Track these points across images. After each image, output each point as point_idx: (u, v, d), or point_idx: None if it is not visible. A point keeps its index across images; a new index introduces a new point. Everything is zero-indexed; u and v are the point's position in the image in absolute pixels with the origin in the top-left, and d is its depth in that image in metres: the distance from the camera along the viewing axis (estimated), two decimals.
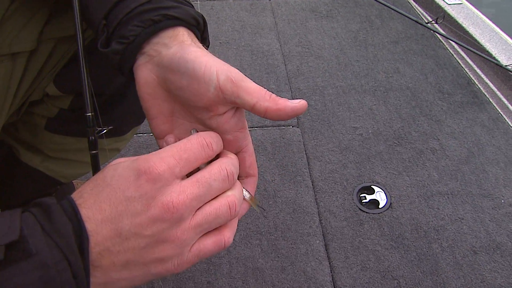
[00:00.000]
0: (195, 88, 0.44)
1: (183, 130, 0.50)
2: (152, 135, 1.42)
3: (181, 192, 0.38)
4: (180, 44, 0.46)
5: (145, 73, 0.48)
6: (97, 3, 0.51)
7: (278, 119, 0.45)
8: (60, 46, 0.70)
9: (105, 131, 0.59)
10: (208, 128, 0.48)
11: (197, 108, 0.46)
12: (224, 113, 0.46)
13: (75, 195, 0.39)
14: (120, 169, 0.39)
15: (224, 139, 0.47)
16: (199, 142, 0.41)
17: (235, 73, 0.44)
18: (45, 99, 0.79)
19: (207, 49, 0.49)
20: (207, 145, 0.42)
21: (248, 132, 0.49)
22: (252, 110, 0.44)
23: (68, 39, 0.70)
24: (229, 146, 0.48)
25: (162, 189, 0.38)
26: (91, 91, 0.57)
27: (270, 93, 0.44)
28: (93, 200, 0.38)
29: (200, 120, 0.48)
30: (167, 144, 0.46)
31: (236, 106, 0.45)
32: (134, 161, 0.39)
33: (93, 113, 0.57)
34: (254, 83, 0.44)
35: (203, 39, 0.53)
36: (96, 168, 0.59)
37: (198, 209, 0.40)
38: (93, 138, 0.57)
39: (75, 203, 0.38)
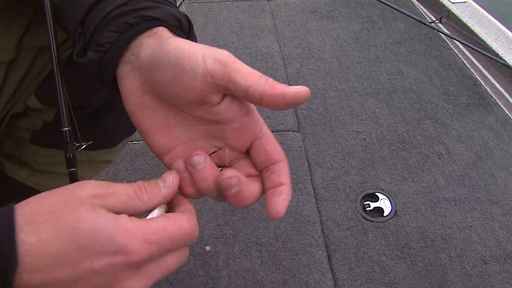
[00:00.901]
0: (182, 79, 0.39)
1: (184, 139, 0.44)
2: None
3: (150, 279, 0.37)
4: (158, 39, 0.41)
5: (128, 83, 0.43)
6: (71, 9, 0.46)
7: (275, 107, 0.39)
8: (41, 56, 0.66)
9: (84, 146, 0.55)
10: (211, 122, 0.42)
11: (189, 105, 0.41)
12: (221, 101, 0.40)
13: (25, 217, 0.33)
14: (97, 228, 0.34)
15: (232, 129, 0.42)
16: (188, 238, 0.38)
17: (224, 54, 0.38)
18: (28, 112, 0.74)
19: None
20: (192, 239, 0.39)
21: (258, 115, 0.43)
22: (245, 96, 0.38)
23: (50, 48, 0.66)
24: (241, 136, 0.43)
25: (133, 273, 0.35)
26: (67, 104, 0.53)
27: (267, 76, 0.38)
28: (51, 250, 0.33)
29: (198, 118, 0.42)
30: (178, 171, 0.42)
31: (229, 92, 0.40)
32: (117, 229, 0.34)
33: (70, 128, 0.53)
34: (247, 66, 0.39)
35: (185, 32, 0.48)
36: None
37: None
38: (70, 155, 0.53)
39: (15, 227, 0.33)
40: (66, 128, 0.50)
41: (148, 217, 0.38)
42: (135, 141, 1.38)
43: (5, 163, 0.83)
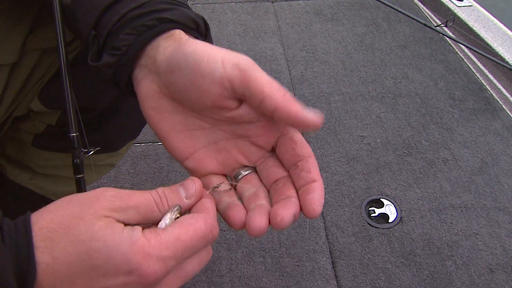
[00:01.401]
0: (200, 83, 0.38)
1: (206, 142, 0.43)
2: (150, 145, 1.36)
3: None
4: (176, 42, 0.40)
5: (145, 86, 0.42)
6: (84, 11, 0.45)
7: (287, 123, 0.38)
8: (45, 58, 0.64)
9: (91, 153, 0.53)
10: (232, 124, 0.41)
11: (208, 110, 0.40)
12: (238, 107, 0.39)
13: (40, 233, 0.33)
14: (111, 248, 0.33)
15: (256, 127, 0.41)
16: (206, 241, 0.37)
17: (244, 61, 0.37)
18: (31, 115, 0.73)
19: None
20: (211, 241, 0.37)
21: None
22: (259, 106, 0.37)
23: (54, 51, 0.64)
24: (265, 133, 0.41)
25: None
26: (75, 109, 0.51)
27: (285, 90, 0.37)
28: (66, 270, 0.32)
29: (219, 120, 0.41)
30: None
31: (244, 99, 0.38)
32: (131, 248, 0.33)
33: (77, 133, 0.51)
34: (267, 75, 0.37)
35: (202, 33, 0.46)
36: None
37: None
38: (77, 161, 0.51)
39: (33, 247, 0.32)
40: (74, 134, 0.49)
41: (161, 222, 0.36)
42: (137, 143, 1.36)
43: (6, 166, 0.81)
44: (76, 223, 0.33)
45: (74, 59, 0.66)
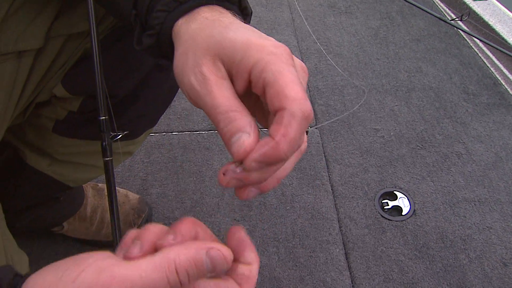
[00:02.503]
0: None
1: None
2: (164, 135, 1.37)
3: None
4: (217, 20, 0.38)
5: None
6: None
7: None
8: (69, 44, 0.65)
9: (120, 136, 0.54)
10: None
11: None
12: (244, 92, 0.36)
13: None
14: None
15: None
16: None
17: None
18: (53, 101, 0.74)
19: (245, 21, 0.40)
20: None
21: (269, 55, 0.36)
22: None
23: (78, 36, 0.65)
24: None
25: None
26: (105, 92, 0.52)
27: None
28: None
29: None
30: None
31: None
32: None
33: (107, 117, 0.52)
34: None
35: (243, 8, 0.44)
36: (109, 177, 0.53)
37: None
38: (106, 144, 0.52)
39: None
40: (103, 117, 0.49)
41: None
42: (152, 133, 1.37)
43: (26, 151, 0.82)
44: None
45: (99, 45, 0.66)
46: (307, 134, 0.40)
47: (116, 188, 0.76)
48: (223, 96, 0.34)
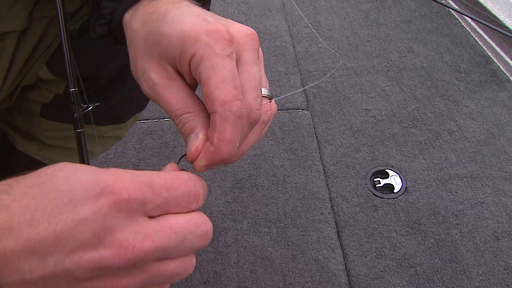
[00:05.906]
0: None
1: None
2: (156, 121, 1.38)
3: (147, 236, 0.29)
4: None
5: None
6: None
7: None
8: (53, 26, 0.65)
9: (90, 107, 0.54)
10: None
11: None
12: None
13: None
14: (79, 173, 0.28)
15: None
16: (187, 189, 0.31)
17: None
18: (38, 84, 0.74)
19: (203, 7, 0.40)
20: (194, 196, 0.32)
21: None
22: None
23: None
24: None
25: (124, 221, 0.28)
26: (74, 64, 0.52)
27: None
28: (24, 203, 0.26)
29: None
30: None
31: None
32: (102, 171, 0.29)
33: (76, 89, 0.52)
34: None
35: None
36: (81, 150, 0.53)
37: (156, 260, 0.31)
38: (77, 115, 0.52)
39: None
40: (73, 89, 0.49)
41: None
42: (143, 120, 1.38)
43: (15, 136, 0.83)
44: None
45: (81, 27, 0.66)
46: (270, 100, 0.41)
47: None
48: (174, 99, 0.36)
